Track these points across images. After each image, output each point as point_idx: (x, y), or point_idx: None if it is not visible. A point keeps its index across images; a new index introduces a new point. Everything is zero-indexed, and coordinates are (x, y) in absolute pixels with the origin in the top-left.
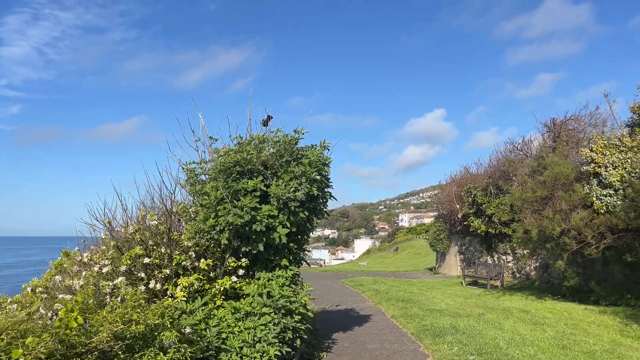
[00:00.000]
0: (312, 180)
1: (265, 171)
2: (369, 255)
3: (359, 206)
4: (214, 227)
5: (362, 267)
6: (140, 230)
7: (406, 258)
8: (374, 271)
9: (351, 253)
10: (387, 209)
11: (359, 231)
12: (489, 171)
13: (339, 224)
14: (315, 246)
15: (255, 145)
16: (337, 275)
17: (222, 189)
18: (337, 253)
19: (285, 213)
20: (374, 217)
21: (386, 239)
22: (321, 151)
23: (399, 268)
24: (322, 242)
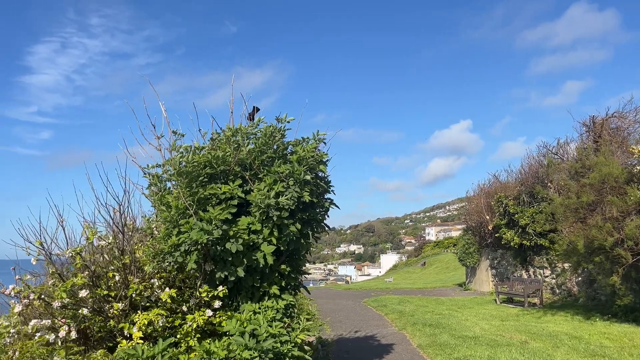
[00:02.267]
0: (303, 182)
1: (244, 173)
2: (396, 271)
3: (385, 220)
4: (177, 246)
5: (388, 283)
6: (82, 252)
7: (434, 273)
8: (400, 288)
9: (377, 269)
10: (413, 223)
11: (385, 246)
12: (521, 178)
13: (364, 239)
14: (341, 262)
15: (228, 140)
16: (360, 294)
17: (185, 197)
18: (363, 269)
19: (269, 226)
20: (400, 231)
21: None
22: (315, 145)
23: (426, 284)
24: (348, 257)
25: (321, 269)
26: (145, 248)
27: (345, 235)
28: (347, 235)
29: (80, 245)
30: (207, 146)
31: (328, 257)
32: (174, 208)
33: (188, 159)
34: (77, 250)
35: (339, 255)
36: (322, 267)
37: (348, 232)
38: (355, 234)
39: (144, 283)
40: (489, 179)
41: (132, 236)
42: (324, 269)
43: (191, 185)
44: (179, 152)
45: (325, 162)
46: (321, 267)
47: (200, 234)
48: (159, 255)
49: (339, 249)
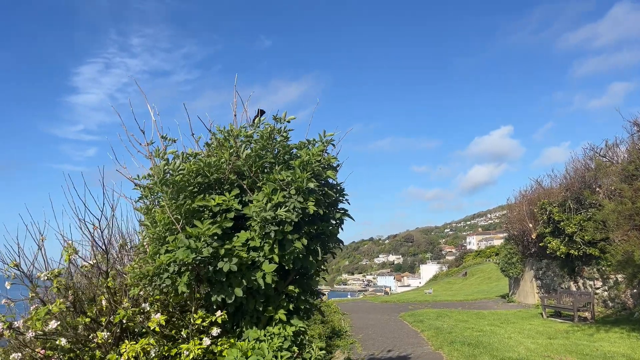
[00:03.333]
0: (307, 191)
1: (241, 182)
2: (436, 282)
3: (424, 230)
4: (165, 267)
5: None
6: (62, 275)
7: (475, 284)
8: (440, 301)
9: (417, 279)
10: (454, 232)
11: (425, 256)
12: (566, 183)
13: (403, 249)
14: (380, 273)
15: (220, 144)
16: (396, 307)
17: (171, 210)
18: (402, 279)
19: (270, 242)
20: (440, 240)
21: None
22: (322, 148)
23: (467, 296)
24: (387, 268)
25: (360, 279)
26: (130, 269)
27: (383, 245)
28: (386, 246)
29: (62, 266)
30: (201, 152)
31: (367, 267)
32: (160, 223)
33: (174, 166)
34: (55, 272)
35: (378, 266)
36: (360, 278)
37: (386, 242)
38: (394, 244)
39: (135, 308)
40: (531, 185)
41: (122, 256)
42: (362, 279)
43: (177, 197)
44: (164, 159)
45: (335, 167)
46: (360, 278)
47: (187, 252)
48: (146, 277)
49: (378, 259)
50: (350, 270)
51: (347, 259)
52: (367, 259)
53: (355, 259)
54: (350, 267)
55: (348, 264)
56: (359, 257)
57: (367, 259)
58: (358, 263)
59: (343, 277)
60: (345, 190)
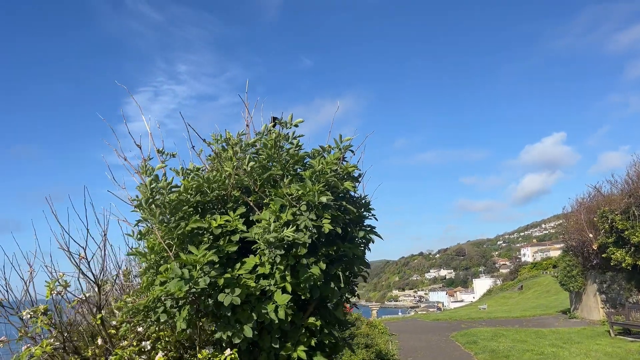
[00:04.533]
0: (321, 206)
1: (247, 199)
2: (490, 296)
3: (476, 243)
4: (161, 301)
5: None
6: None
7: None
8: (495, 317)
9: (470, 294)
10: (507, 244)
11: (477, 269)
12: (629, 189)
13: (455, 263)
14: (432, 288)
15: (217, 156)
16: (448, 326)
17: (163, 234)
18: (455, 295)
19: (281, 269)
20: (493, 253)
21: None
22: (338, 155)
23: (524, 312)
24: (439, 283)
25: (411, 295)
26: (122, 303)
27: (434, 260)
28: (437, 260)
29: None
30: (205, 167)
31: (418, 283)
32: (151, 250)
33: (164, 184)
34: (41, 309)
35: (429, 281)
36: (412, 294)
37: (437, 256)
38: (445, 258)
39: (134, 347)
40: (589, 192)
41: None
42: (414, 295)
43: (172, 218)
44: (152, 175)
45: (356, 177)
46: (411, 294)
47: (180, 284)
48: (140, 312)
49: (429, 274)
50: (400, 286)
51: (397, 275)
52: (417, 274)
53: (406, 274)
54: (400, 283)
55: (398, 280)
56: (409, 272)
57: (417, 274)
58: (408, 279)
59: (394, 294)
60: (371, 204)
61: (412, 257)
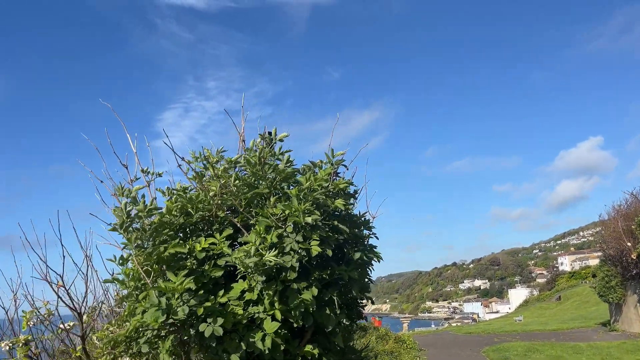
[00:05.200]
0: (309, 227)
1: (234, 219)
2: (527, 307)
3: (510, 252)
4: (142, 331)
5: (517, 323)
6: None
7: (572, 309)
8: (531, 330)
9: (506, 305)
10: (543, 253)
11: (513, 279)
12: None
13: (489, 273)
14: (466, 299)
15: (198, 176)
16: (481, 339)
17: (143, 260)
18: (490, 305)
19: (270, 294)
20: (529, 262)
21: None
22: (329, 171)
23: (562, 324)
24: (473, 294)
25: (445, 306)
26: (101, 334)
27: (468, 270)
28: (470, 270)
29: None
30: (190, 187)
31: (451, 294)
32: (128, 277)
33: (142, 206)
34: (21, 339)
35: (463, 292)
36: (445, 305)
37: (471, 266)
38: (479, 268)
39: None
40: (626, 198)
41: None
42: (447, 306)
43: (152, 243)
44: (130, 197)
45: (351, 194)
46: (445, 305)
47: (156, 314)
48: (121, 343)
49: (463, 284)
50: (434, 298)
51: (430, 286)
52: (451, 285)
53: (439, 285)
54: (434, 294)
55: (431, 291)
56: (442, 283)
57: (451, 285)
58: (442, 289)
59: (427, 305)
60: (373, 221)
61: (445, 267)
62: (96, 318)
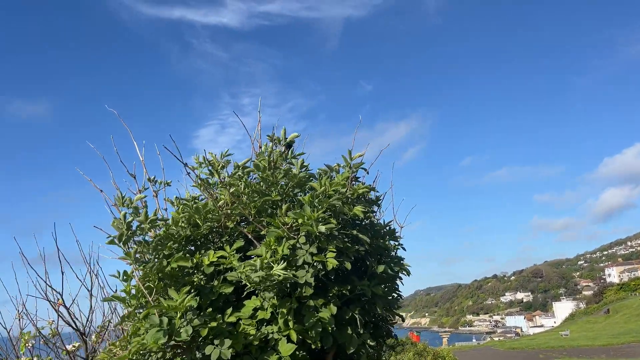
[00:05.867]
0: (324, 237)
1: (244, 230)
2: (573, 321)
3: (554, 263)
4: (145, 353)
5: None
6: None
7: (621, 322)
8: (578, 346)
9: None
10: (589, 264)
11: (557, 292)
12: None
13: (532, 286)
14: (508, 312)
15: (204, 184)
16: (525, 355)
17: (145, 275)
18: (534, 319)
19: (284, 312)
20: (574, 274)
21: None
22: (347, 175)
23: (612, 339)
24: (516, 307)
25: (486, 320)
26: (104, 356)
27: (509, 282)
28: (512, 282)
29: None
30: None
31: (493, 307)
32: (129, 294)
33: (144, 217)
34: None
35: (505, 305)
36: (487, 318)
37: (512, 278)
38: (521, 280)
39: None
40: None
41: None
42: (489, 320)
43: (150, 257)
44: (130, 207)
45: (373, 200)
46: (486, 319)
47: (157, 336)
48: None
49: (504, 297)
50: (474, 311)
51: (471, 299)
52: (492, 297)
53: (479, 298)
54: (474, 307)
55: (472, 304)
56: (482, 296)
57: (492, 297)
58: (483, 302)
59: (468, 319)
60: (401, 231)
61: (486, 279)
62: (104, 338)
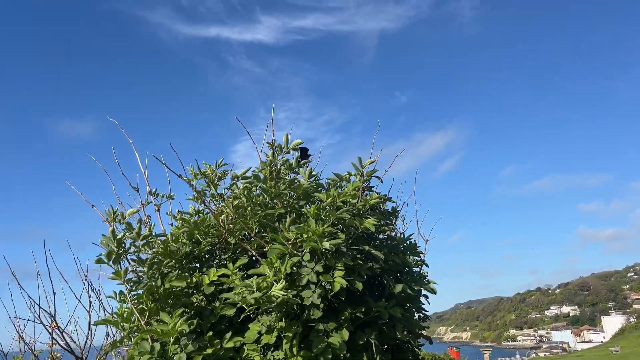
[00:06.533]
0: (331, 254)
1: (247, 246)
2: (624, 336)
3: (601, 275)
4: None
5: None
6: None
7: None
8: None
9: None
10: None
11: (606, 305)
12: None
13: (578, 299)
14: (554, 327)
15: (200, 194)
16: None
17: (143, 295)
18: (582, 334)
19: (289, 337)
20: (623, 287)
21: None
22: (358, 184)
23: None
24: (562, 321)
25: (530, 334)
26: None
27: (554, 295)
28: (557, 296)
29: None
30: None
31: (537, 321)
32: (122, 317)
33: (137, 233)
34: None
35: (550, 319)
36: (531, 333)
37: (557, 291)
38: (566, 293)
39: None
40: None
41: None
42: (533, 335)
43: (143, 277)
44: (122, 222)
45: (390, 212)
46: (530, 333)
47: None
48: None
49: (549, 311)
50: (518, 325)
51: (513, 313)
52: (536, 311)
53: (523, 311)
54: (517, 321)
55: (515, 318)
56: (526, 309)
57: (536, 311)
58: (526, 316)
59: (511, 333)
60: (420, 246)
61: (529, 292)
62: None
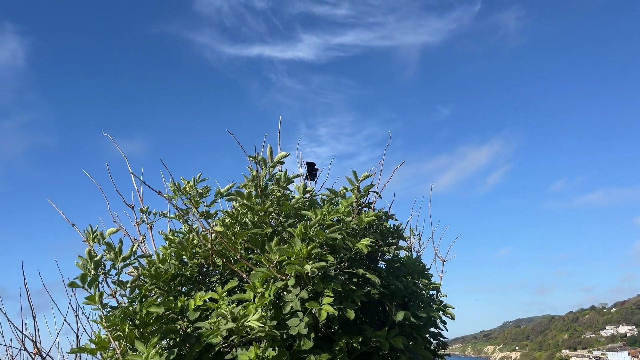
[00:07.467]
0: (319, 278)
1: (234, 267)
2: None
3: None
4: None
5: None
6: None
7: None
8: None
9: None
10: None
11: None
12: None
13: (636, 318)
14: (610, 347)
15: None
16: None
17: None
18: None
19: None
20: None
21: None
22: (352, 200)
23: None
24: (618, 342)
25: (585, 355)
26: None
27: (609, 314)
28: (613, 315)
29: None
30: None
31: (592, 341)
32: (98, 345)
33: (116, 254)
34: None
35: (606, 339)
36: (586, 354)
37: (613, 310)
38: (623, 312)
39: None
40: None
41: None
42: (588, 355)
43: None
44: (102, 243)
45: (389, 232)
46: (585, 354)
47: None
48: None
49: (604, 331)
50: (571, 345)
51: (566, 332)
52: (590, 331)
53: (576, 331)
54: (570, 341)
55: (567, 338)
56: (579, 329)
57: (590, 331)
58: (580, 336)
59: (564, 354)
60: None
61: (582, 311)
62: None
